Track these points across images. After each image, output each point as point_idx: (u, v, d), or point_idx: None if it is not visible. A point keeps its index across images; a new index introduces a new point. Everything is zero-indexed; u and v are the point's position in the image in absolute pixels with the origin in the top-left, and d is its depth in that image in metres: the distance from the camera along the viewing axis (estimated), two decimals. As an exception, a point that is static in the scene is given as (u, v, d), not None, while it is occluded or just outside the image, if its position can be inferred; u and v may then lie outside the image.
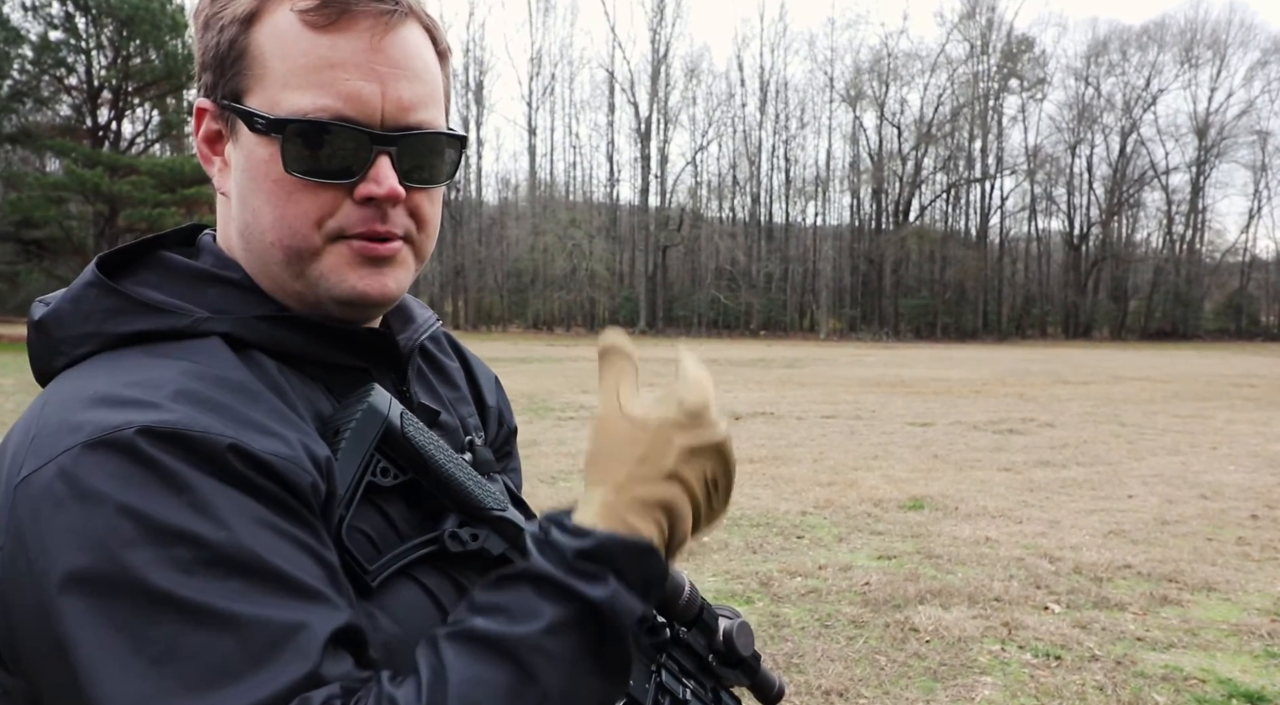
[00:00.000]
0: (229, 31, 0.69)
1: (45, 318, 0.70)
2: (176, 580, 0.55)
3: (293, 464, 0.61)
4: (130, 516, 0.55)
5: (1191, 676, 3.72)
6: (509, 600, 0.60)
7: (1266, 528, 6.32)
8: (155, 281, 0.71)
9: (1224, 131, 60.23)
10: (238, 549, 0.56)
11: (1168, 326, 58.66)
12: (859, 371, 22.92)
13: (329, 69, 0.67)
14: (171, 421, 0.58)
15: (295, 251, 0.70)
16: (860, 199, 61.87)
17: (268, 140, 0.68)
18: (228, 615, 0.55)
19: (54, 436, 0.59)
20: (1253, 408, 14.61)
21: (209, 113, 0.72)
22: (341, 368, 0.74)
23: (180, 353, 0.66)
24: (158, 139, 39.19)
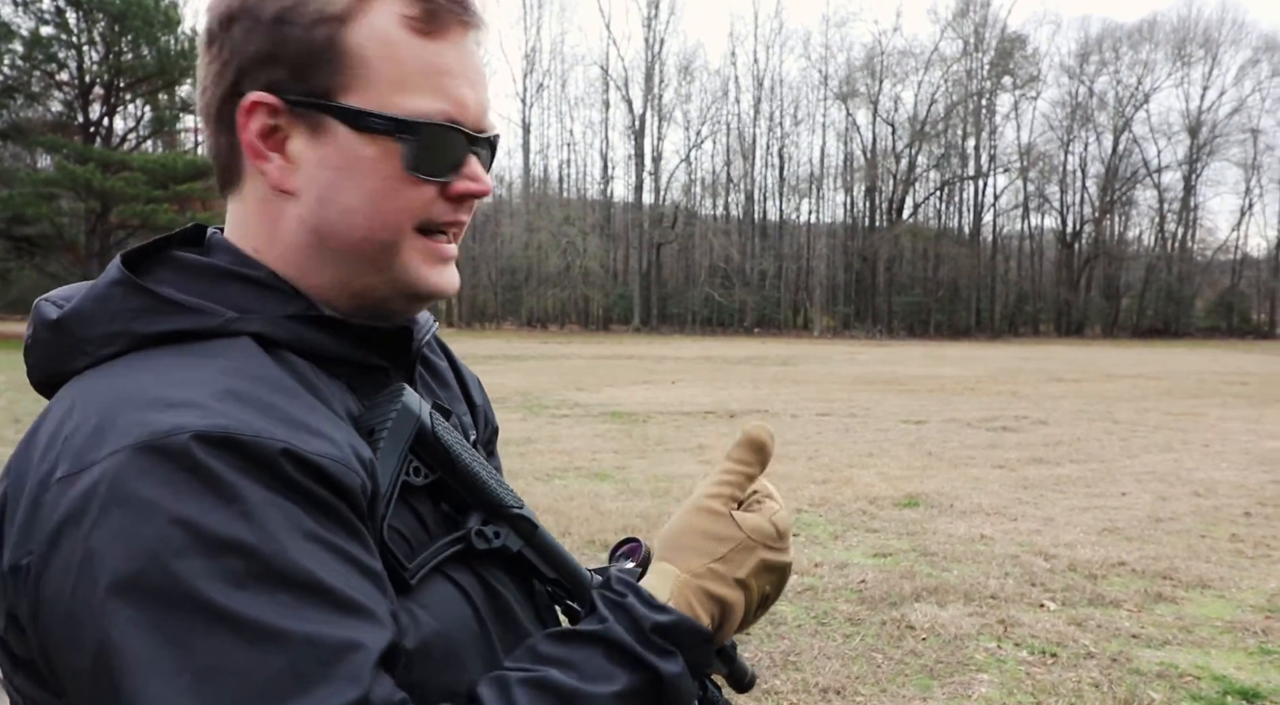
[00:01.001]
0: (319, 29, 0.68)
1: (66, 317, 0.68)
2: (227, 593, 0.53)
3: (344, 465, 0.61)
4: (181, 525, 0.54)
5: (1186, 673, 3.73)
6: (581, 658, 0.64)
7: (1259, 525, 6.35)
8: (174, 280, 0.69)
9: (1216, 130, 60.50)
10: (289, 562, 0.55)
11: (1160, 324, 58.90)
12: (853, 369, 22.96)
13: (439, 75, 0.70)
14: (224, 426, 0.57)
15: (385, 245, 0.71)
16: (854, 196, 62.01)
17: (378, 138, 0.69)
18: (278, 631, 0.54)
19: (94, 438, 0.58)
20: (1244, 405, 14.67)
21: (271, 108, 0.69)
22: (364, 367, 0.74)
23: (216, 352, 0.65)
24: (150, 135, 39.01)
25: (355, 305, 0.74)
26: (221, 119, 0.71)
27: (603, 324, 58.32)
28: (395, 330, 0.75)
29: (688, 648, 0.67)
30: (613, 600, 0.67)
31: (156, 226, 33.15)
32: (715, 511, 0.73)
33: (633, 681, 0.64)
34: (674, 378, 19.13)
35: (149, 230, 34.50)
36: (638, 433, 10.57)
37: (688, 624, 0.67)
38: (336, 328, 0.71)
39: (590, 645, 0.64)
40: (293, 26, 0.68)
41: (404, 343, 0.76)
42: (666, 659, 0.65)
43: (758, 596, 0.73)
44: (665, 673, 0.64)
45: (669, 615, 0.67)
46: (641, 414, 12.37)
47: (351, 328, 0.72)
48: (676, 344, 39.03)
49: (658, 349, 33.39)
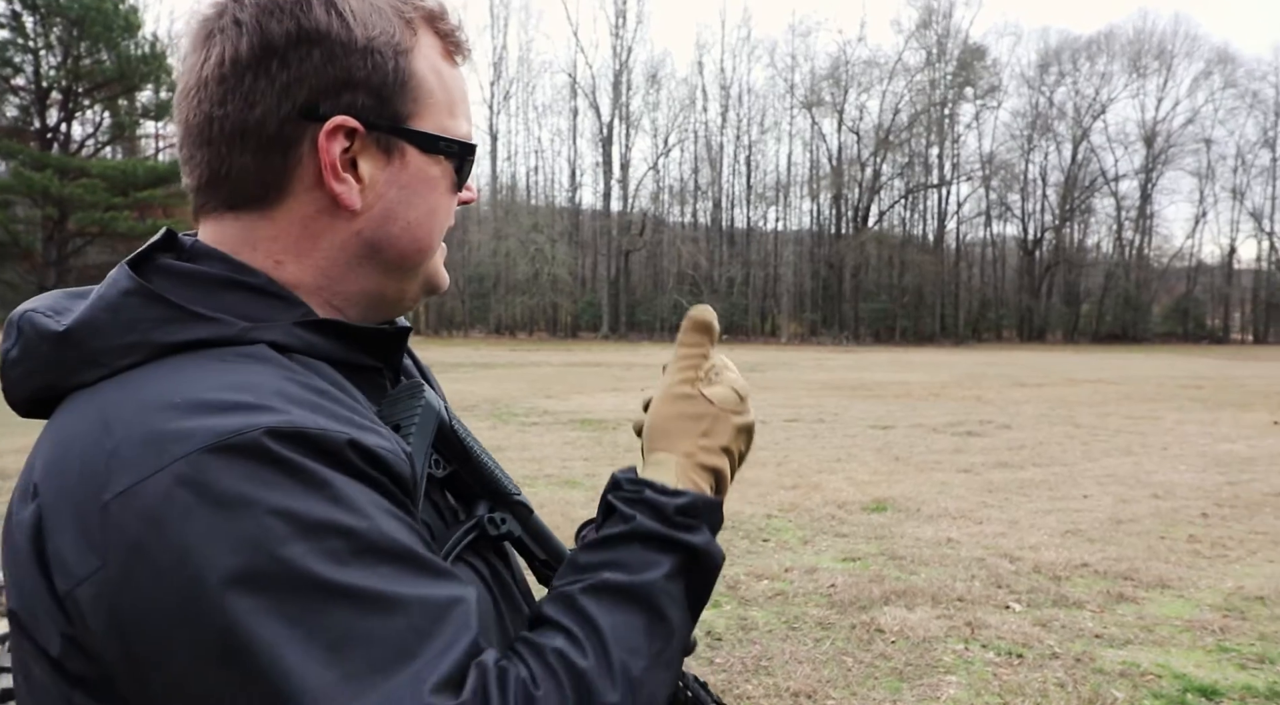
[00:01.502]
0: (398, 59, 0.73)
1: (77, 328, 0.66)
2: (337, 570, 0.57)
3: (397, 456, 0.65)
4: (278, 515, 0.56)
5: (1148, 672, 3.81)
6: (623, 556, 0.70)
7: (1216, 526, 6.50)
8: (173, 289, 0.68)
9: (1170, 139, 61.90)
10: (382, 536, 0.59)
11: (1118, 330, 60.02)
12: (820, 375, 23.14)
13: (465, 100, 0.79)
14: (291, 421, 0.60)
15: (429, 253, 0.79)
16: (820, 204, 62.54)
17: (438, 160, 0.76)
18: (392, 597, 0.58)
19: (150, 446, 0.58)
20: (1201, 409, 15.01)
21: (350, 131, 0.71)
22: (360, 367, 0.76)
23: (246, 358, 0.66)
24: (109, 141, 38.35)
25: (369, 311, 0.78)
26: (277, 138, 0.70)
27: (571, 331, 58.22)
28: (396, 331, 0.79)
29: (706, 517, 0.74)
30: (630, 498, 0.73)
31: (115, 234, 32.58)
32: (687, 395, 0.80)
33: (675, 561, 0.70)
34: (643, 385, 19.08)
35: (108, 238, 33.85)
36: (607, 440, 10.57)
37: (701, 498, 0.75)
38: (339, 331, 0.73)
39: (628, 541, 0.70)
40: (379, 56, 0.72)
41: (398, 343, 0.80)
42: (694, 532, 0.72)
43: (738, 457, 0.81)
44: (697, 544, 0.72)
45: (684, 496, 0.73)
46: (611, 421, 12.37)
47: (353, 330, 0.74)
48: (645, 351, 39.07)
49: (626, 356, 33.40)
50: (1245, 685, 3.67)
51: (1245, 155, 62.08)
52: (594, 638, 0.65)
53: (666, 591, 0.69)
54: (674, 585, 0.70)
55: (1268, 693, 3.60)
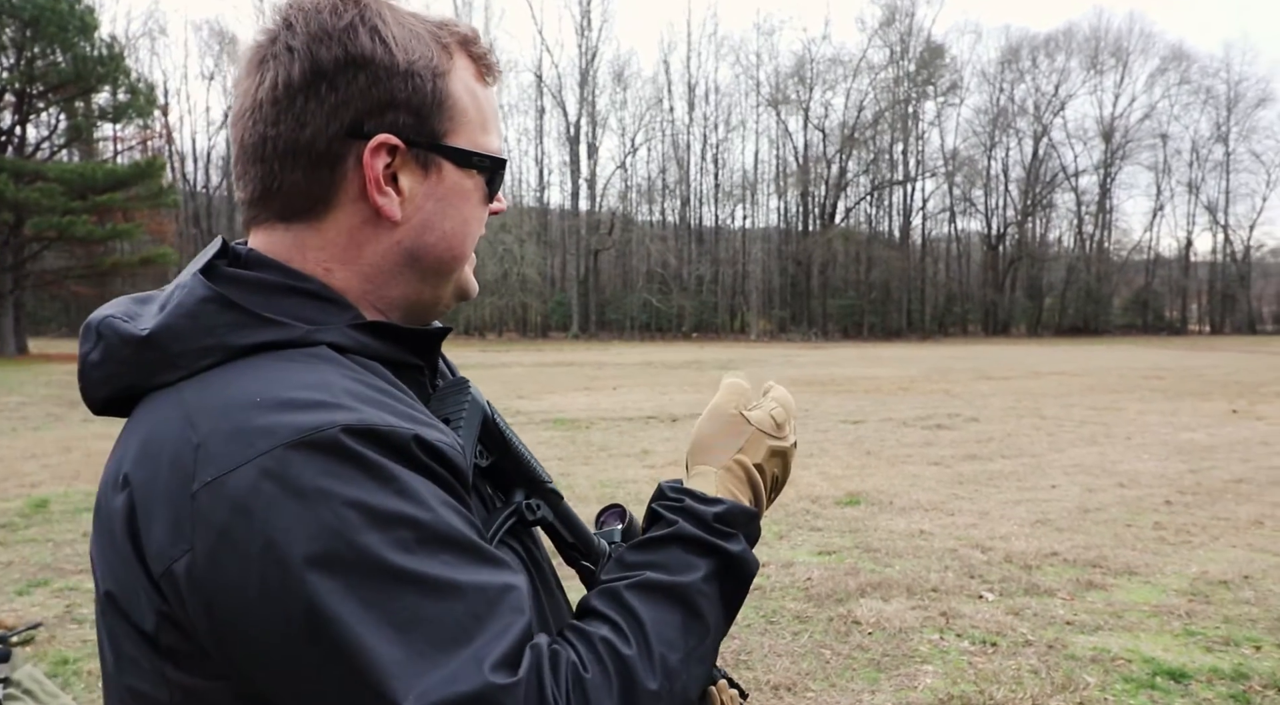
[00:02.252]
0: (437, 81, 0.78)
1: (158, 332, 0.72)
2: (406, 558, 0.62)
3: (455, 450, 0.70)
4: (353, 507, 0.62)
5: (1118, 657, 3.89)
6: (665, 558, 0.77)
7: (1179, 513, 6.65)
8: (240, 294, 0.74)
9: (1128, 135, 63.13)
10: (444, 527, 0.65)
11: (1080, 322, 61.08)
12: (790, 371, 23.28)
13: (497, 117, 0.85)
14: (363, 418, 0.65)
15: (463, 261, 0.84)
16: (787, 202, 62.95)
17: (471, 174, 0.81)
18: (453, 583, 0.63)
19: (235, 442, 0.63)
20: (1162, 399, 15.32)
21: (391, 148, 0.77)
22: (405, 365, 0.82)
23: (313, 359, 0.72)
24: (65, 144, 37.50)
25: (404, 314, 0.83)
26: (327, 155, 0.76)
27: (541, 331, 58.07)
28: (437, 331, 0.85)
29: (743, 526, 0.81)
30: (674, 506, 0.81)
31: (74, 238, 31.91)
32: (729, 414, 0.89)
33: (711, 565, 0.77)
34: (615, 384, 19.16)
35: (66, 242, 33.17)
36: (581, 439, 10.57)
37: (738, 508, 0.81)
38: (386, 332, 0.79)
39: (670, 545, 0.77)
40: (419, 79, 0.77)
41: (437, 342, 0.86)
42: (730, 540, 0.79)
43: (769, 479, 0.88)
44: (733, 551, 0.78)
45: (723, 505, 0.80)
46: (584, 420, 12.36)
47: (400, 331, 0.80)
48: (616, 350, 39.06)
49: (597, 355, 33.37)
50: (1212, 667, 3.77)
51: (1200, 150, 63.53)
52: (637, 630, 0.70)
53: (703, 592, 0.75)
54: (710, 587, 0.76)
55: (1233, 674, 3.69)
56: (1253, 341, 47.03)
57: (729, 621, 0.79)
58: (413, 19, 0.79)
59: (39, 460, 9.07)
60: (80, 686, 3.57)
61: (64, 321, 48.46)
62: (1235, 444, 10.02)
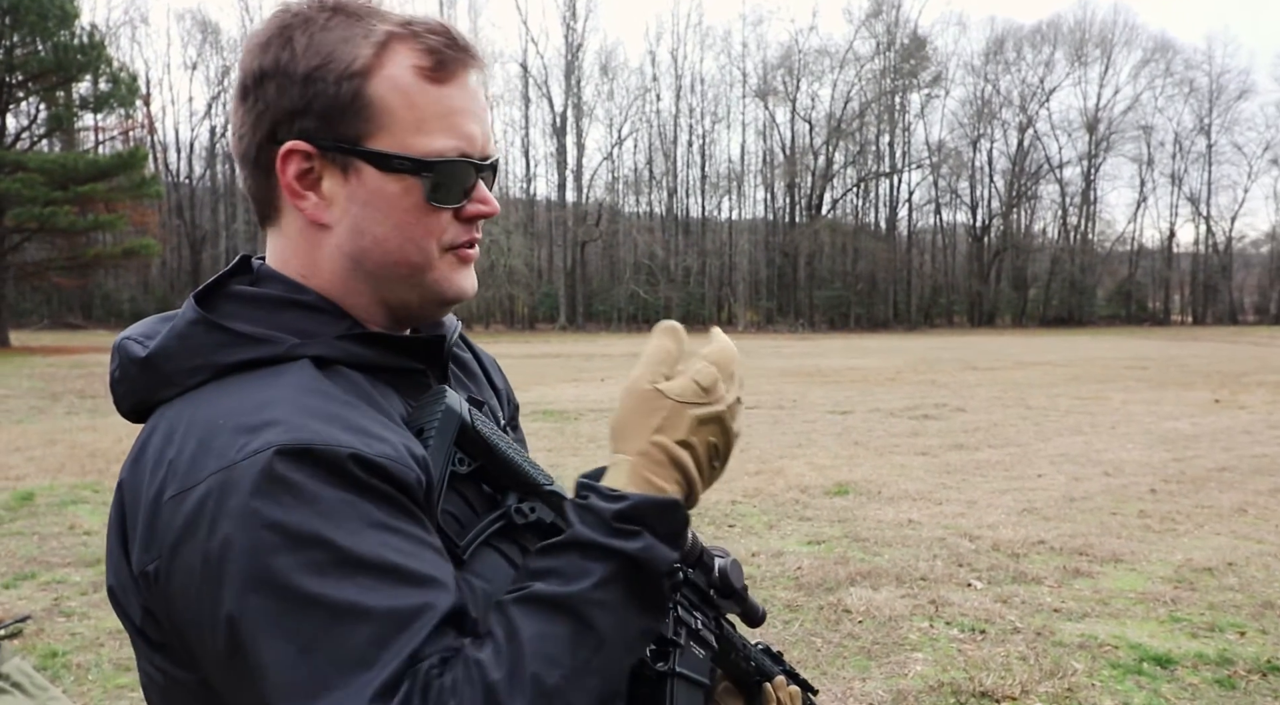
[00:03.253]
0: (346, 84, 0.78)
1: (154, 355, 0.79)
2: (316, 581, 0.64)
3: (401, 464, 0.71)
4: (273, 529, 0.65)
5: (1105, 643, 3.94)
6: (561, 564, 0.71)
7: (1164, 501, 6.72)
8: (240, 312, 0.80)
9: (1112, 126, 63.44)
10: (363, 550, 0.66)
11: (1064, 313, 61.47)
12: (778, 362, 23.35)
13: (451, 115, 0.80)
14: (300, 438, 0.68)
15: (416, 266, 0.82)
16: (774, 193, 62.96)
17: (401, 176, 0.79)
18: (359, 608, 0.64)
19: (196, 461, 0.69)
20: (1146, 388, 15.46)
21: (304, 154, 0.79)
22: (406, 372, 0.84)
23: (282, 375, 0.75)
24: (46, 134, 37.08)
25: (392, 317, 0.85)
26: (259, 162, 0.81)
27: (529, 323, 57.97)
28: (430, 339, 0.86)
29: (654, 521, 0.73)
30: (578, 504, 0.75)
31: (56, 229, 31.58)
32: (642, 390, 0.80)
33: (607, 569, 0.70)
34: (603, 375, 19.16)
35: (47, 233, 32.82)
36: (570, 430, 10.57)
37: (646, 502, 0.74)
38: (380, 341, 0.81)
39: (566, 550, 0.72)
40: (322, 83, 0.78)
41: (438, 348, 0.87)
42: (632, 539, 0.72)
43: (705, 451, 0.79)
44: (630, 551, 0.71)
45: (625, 500, 0.73)
46: (573, 412, 12.37)
47: (393, 340, 0.82)
48: (604, 341, 39.05)
49: (585, 347, 33.36)
50: (1197, 653, 3.81)
51: (1182, 141, 63.92)
52: (513, 650, 0.66)
53: (595, 601, 0.69)
54: (608, 592, 0.70)
55: (1218, 659, 3.74)
56: (1234, 332, 47.49)
57: (648, 620, 0.73)
58: (355, 21, 0.79)
59: (23, 453, 8.99)
60: (70, 680, 3.55)
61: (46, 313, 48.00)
62: (1218, 433, 10.13)
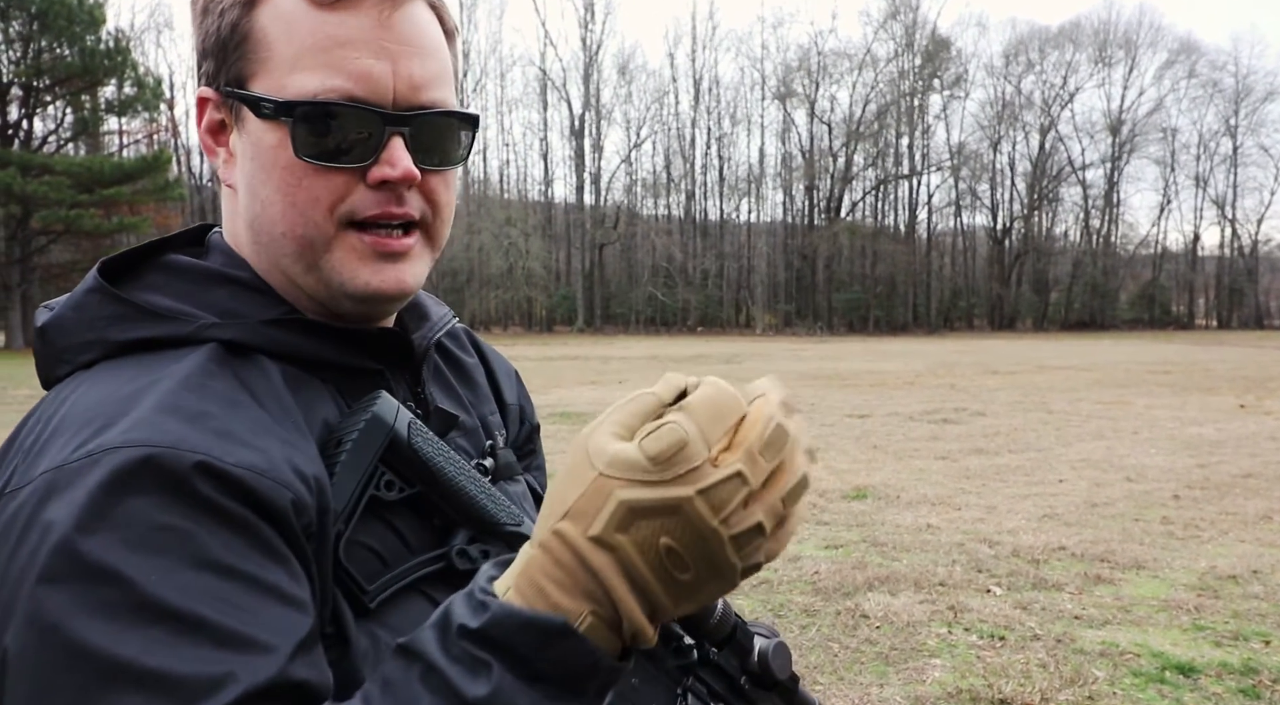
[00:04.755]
0: (229, 15, 0.65)
1: (48, 325, 0.68)
2: (96, 627, 0.50)
3: (268, 479, 0.57)
4: (66, 553, 0.52)
5: (1127, 651, 3.89)
6: (400, 678, 0.52)
7: (1187, 507, 6.64)
8: (161, 284, 0.69)
9: (1136, 128, 62.80)
10: (164, 594, 0.52)
11: (1086, 317, 60.88)
12: (796, 365, 23.27)
13: (337, 48, 0.64)
14: (142, 439, 0.55)
15: (307, 241, 0.67)
16: (793, 195, 62.78)
17: (276, 125, 0.65)
18: (141, 670, 0.50)
19: (39, 454, 0.59)
20: (1169, 393, 15.27)
21: (211, 102, 0.69)
22: (354, 370, 0.70)
23: (170, 361, 0.63)
24: (72, 137, 37.65)
25: (319, 306, 0.70)
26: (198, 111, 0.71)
27: (546, 325, 58.09)
28: (380, 332, 0.71)
29: (526, 653, 0.50)
30: (447, 604, 0.54)
31: (81, 232, 32.02)
32: (578, 443, 0.53)
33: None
34: (621, 378, 19.17)
35: (73, 235, 33.27)
36: (587, 433, 10.58)
37: (512, 619, 0.50)
38: (315, 331, 0.68)
39: (411, 659, 0.52)
40: (211, 17, 0.67)
41: (396, 345, 0.72)
42: (473, 677, 0.49)
43: (645, 557, 0.50)
44: (469, 696, 0.49)
45: (483, 612, 0.51)
46: (591, 415, 12.32)
47: (333, 331, 0.68)
48: (621, 344, 39.08)
49: (603, 349, 33.39)
50: (1221, 662, 3.76)
51: (1207, 143, 63.20)
52: None
53: None
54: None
55: (1243, 669, 3.69)
56: (1260, 336, 46.88)
57: None
58: None
59: (48, 453, 9.11)
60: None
61: (71, 315, 48.61)
62: (1243, 439, 9.99)
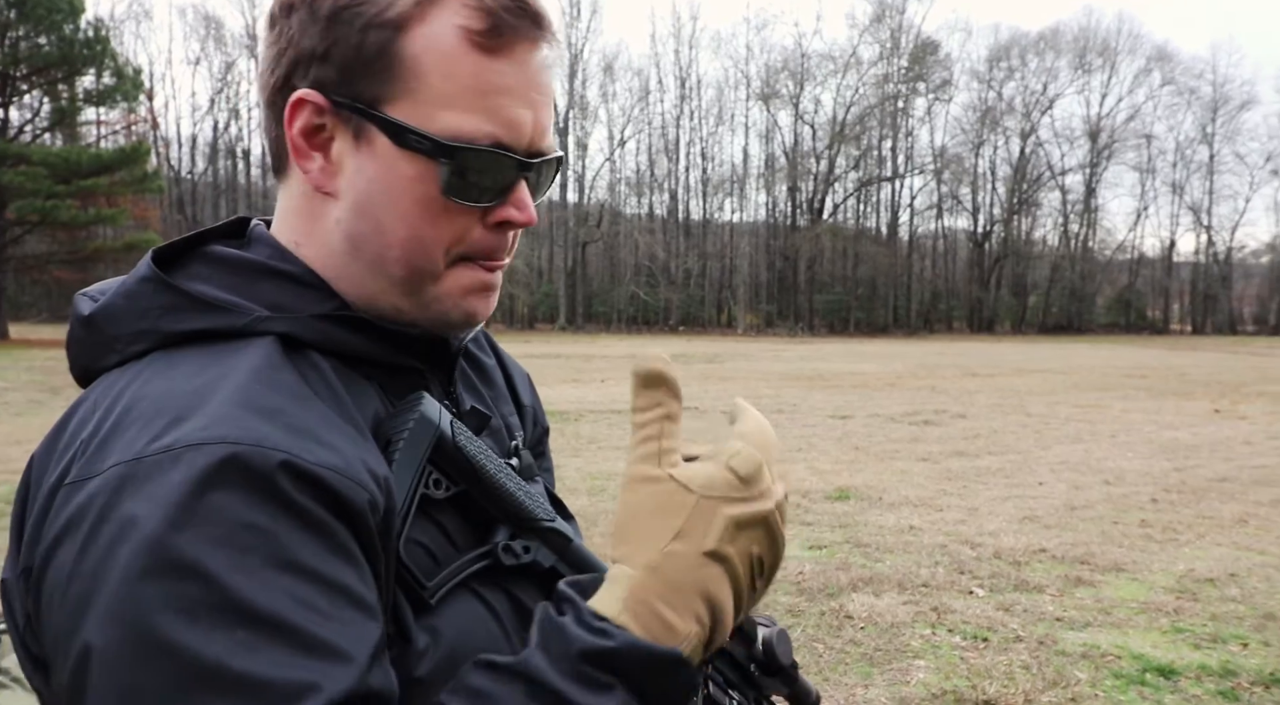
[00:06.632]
0: (377, 34, 0.64)
1: (97, 314, 0.67)
2: (182, 626, 0.50)
3: (348, 479, 0.57)
4: (152, 549, 0.51)
5: (1108, 653, 3.93)
6: (500, 694, 0.54)
7: (1165, 510, 6.72)
8: (207, 275, 0.68)
9: (1114, 135, 63.45)
10: (252, 595, 0.51)
11: (1064, 320, 61.48)
12: (778, 366, 23.34)
13: (494, 95, 0.65)
14: (221, 437, 0.55)
15: (419, 272, 0.68)
16: (775, 196, 62.96)
17: (419, 158, 0.65)
18: (221, 672, 0.50)
19: (103, 447, 0.57)
20: (1145, 397, 15.45)
21: (315, 106, 0.66)
22: (396, 368, 0.71)
23: (234, 353, 0.63)
24: (49, 127, 37.09)
25: (369, 303, 0.71)
26: (273, 107, 0.69)
27: (528, 323, 57.96)
28: (429, 335, 0.72)
29: (644, 679, 0.54)
30: (549, 621, 0.57)
31: (57, 223, 31.58)
32: (650, 478, 0.59)
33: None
34: (603, 376, 19.15)
35: (49, 227, 32.81)
36: (570, 431, 10.56)
37: (636, 650, 0.54)
38: (365, 329, 0.68)
39: (512, 679, 0.54)
40: (347, 27, 0.65)
41: (440, 347, 0.73)
42: (597, 695, 0.53)
43: (747, 568, 0.59)
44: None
45: (606, 639, 0.54)
46: (573, 413, 12.35)
47: (384, 331, 0.69)
48: (603, 342, 39.05)
49: (585, 347, 33.34)
50: (1200, 664, 3.81)
51: (1184, 151, 63.95)
52: None
53: None
54: None
55: (1221, 671, 3.74)
56: (1234, 342, 47.52)
57: None
58: None
59: (23, 446, 8.97)
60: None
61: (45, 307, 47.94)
62: (1218, 443, 10.13)
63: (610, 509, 6.44)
